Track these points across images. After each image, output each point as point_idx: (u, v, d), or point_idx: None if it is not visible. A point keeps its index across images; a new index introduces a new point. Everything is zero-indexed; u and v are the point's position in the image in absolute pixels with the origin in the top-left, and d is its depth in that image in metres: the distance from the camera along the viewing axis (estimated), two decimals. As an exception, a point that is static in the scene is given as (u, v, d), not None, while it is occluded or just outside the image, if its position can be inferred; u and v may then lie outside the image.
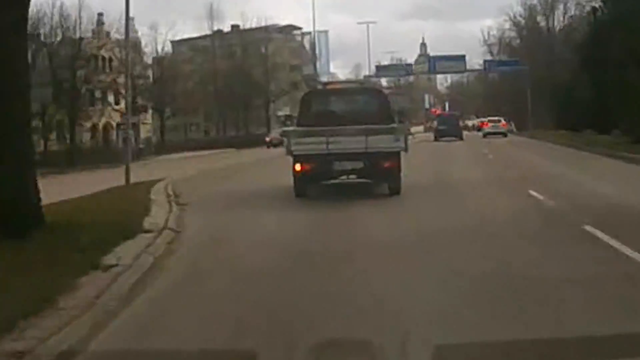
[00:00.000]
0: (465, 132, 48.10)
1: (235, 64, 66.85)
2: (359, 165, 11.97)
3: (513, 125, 50.68)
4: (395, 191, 11.80)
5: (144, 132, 60.70)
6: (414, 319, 4.63)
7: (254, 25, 69.83)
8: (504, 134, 43.52)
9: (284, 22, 66.27)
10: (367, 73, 55.54)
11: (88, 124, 47.93)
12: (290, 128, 12.95)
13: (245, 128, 70.40)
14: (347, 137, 11.63)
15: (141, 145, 40.61)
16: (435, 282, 5.68)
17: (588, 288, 5.22)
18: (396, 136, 11.79)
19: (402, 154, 11.59)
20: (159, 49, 57.87)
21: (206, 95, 67.00)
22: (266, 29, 70.45)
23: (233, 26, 71.95)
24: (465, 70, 59.46)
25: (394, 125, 12.20)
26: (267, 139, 48.28)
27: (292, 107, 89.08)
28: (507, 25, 67.79)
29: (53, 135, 42.03)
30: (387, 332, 4.36)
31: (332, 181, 12.43)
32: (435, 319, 4.62)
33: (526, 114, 50.74)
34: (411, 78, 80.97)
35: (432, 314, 4.71)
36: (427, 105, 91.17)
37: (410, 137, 13.18)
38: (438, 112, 67.60)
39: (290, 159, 11.73)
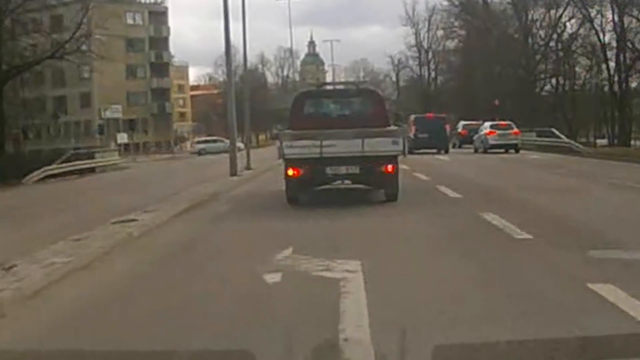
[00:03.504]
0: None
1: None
2: (355, 170, 12.91)
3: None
4: (392, 198, 13.14)
5: None
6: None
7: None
8: (516, 148, 36.03)
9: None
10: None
11: None
12: (283, 130, 13.95)
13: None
14: (342, 140, 12.66)
15: None
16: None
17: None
18: (394, 139, 12.82)
19: None
20: None
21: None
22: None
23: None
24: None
25: (392, 127, 13.40)
26: None
27: (130, 107, 70.38)
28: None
29: None
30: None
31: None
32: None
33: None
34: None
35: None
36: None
37: None
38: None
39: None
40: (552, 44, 56.20)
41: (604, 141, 52.65)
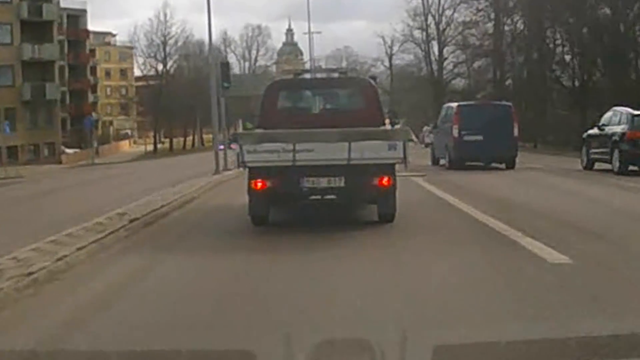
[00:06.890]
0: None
1: None
2: (339, 182, 10.88)
3: None
4: (387, 218, 11.67)
5: None
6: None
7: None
8: None
9: None
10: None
11: None
12: (244, 131, 13.97)
13: None
14: (322, 143, 10.83)
15: None
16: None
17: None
18: (391, 143, 10.76)
19: None
20: None
21: None
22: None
23: None
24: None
25: (388, 127, 12.18)
26: None
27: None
28: None
29: None
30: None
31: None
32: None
33: None
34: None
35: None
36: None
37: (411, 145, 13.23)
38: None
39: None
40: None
41: None
